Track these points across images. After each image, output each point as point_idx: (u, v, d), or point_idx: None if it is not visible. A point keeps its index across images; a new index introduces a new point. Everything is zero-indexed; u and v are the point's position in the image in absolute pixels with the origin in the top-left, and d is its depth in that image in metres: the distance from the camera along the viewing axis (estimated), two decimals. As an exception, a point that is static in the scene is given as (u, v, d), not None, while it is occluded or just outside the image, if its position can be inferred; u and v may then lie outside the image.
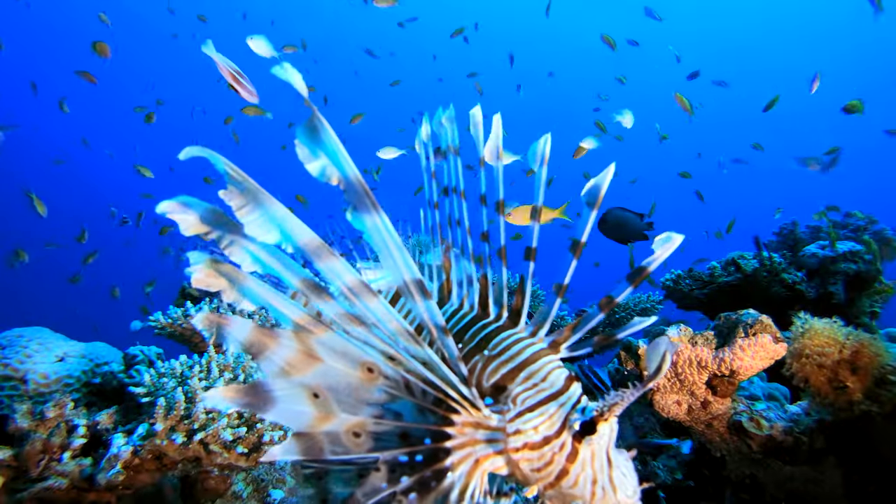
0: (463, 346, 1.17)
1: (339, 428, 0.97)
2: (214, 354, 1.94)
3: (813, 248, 3.94)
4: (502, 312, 1.23)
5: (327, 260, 0.83)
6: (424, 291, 0.91)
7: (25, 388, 1.96)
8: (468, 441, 1.04)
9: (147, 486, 1.76)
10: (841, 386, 1.88)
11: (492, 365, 1.12)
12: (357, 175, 0.80)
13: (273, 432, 1.78)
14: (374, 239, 0.84)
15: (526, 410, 1.06)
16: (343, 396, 0.96)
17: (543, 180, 1.15)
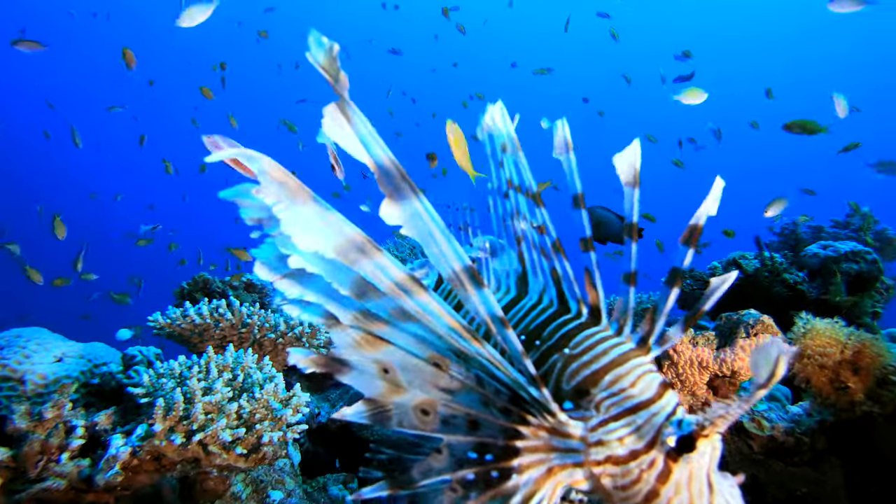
0: (541, 344, 1.08)
1: (409, 402, 0.93)
2: (213, 355, 1.94)
3: (814, 248, 3.93)
4: (581, 308, 1.11)
5: (373, 255, 0.77)
6: (477, 280, 0.83)
7: (24, 389, 1.95)
8: (542, 446, 0.95)
9: (146, 487, 1.75)
10: (842, 386, 1.87)
11: (572, 365, 1.01)
12: (392, 159, 0.73)
13: (273, 433, 1.77)
14: (416, 228, 0.77)
15: (610, 419, 0.94)
16: (412, 377, 0.92)
17: (574, 167, 1.05)
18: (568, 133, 1.07)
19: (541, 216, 1.10)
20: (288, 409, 1.81)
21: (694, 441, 0.87)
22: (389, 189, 0.74)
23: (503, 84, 13.83)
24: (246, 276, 3.89)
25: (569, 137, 1.07)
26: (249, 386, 1.88)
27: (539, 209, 1.10)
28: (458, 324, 0.85)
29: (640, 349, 1.02)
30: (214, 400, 1.74)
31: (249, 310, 2.54)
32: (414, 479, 0.95)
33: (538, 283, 1.18)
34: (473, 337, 0.86)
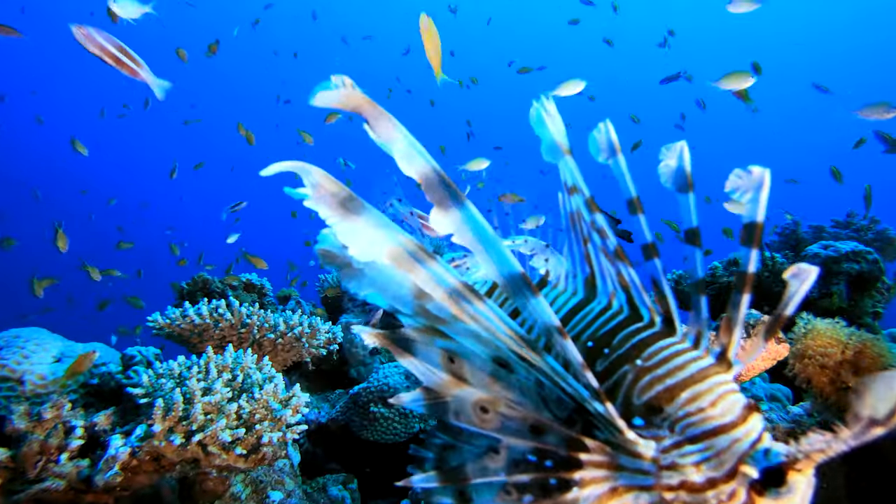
0: (610, 352, 1.00)
1: (469, 397, 0.90)
2: (213, 355, 1.93)
3: (815, 248, 3.93)
4: (654, 317, 1.02)
5: (426, 262, 0.76)
6: (531, 288, 0.79)
7: (22, 389, 1.95)
8: (607, 463, 0.89)
9: (145, 487, 1.75)
10: (844, 387, 1.87)
11: (645, 379, 0.93)
12: (437, 168, 0.72)
13: (272, 434, 1.77)
14: (466, 235, 0.75)
15: (686, 441, 0.85)
16: (475, 373, 0.89)
17: (626, 169, 0.99)
18: (614, 134, 1.00)
19: (598, 220, 1.04)
20: (287, 410, 1.81)
21: (784, 475, 0.78)
22: (436, 198, 0.73)
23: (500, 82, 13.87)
24: (245, 276, 3.89)
25: (615, 139, 1.00)
26: (249, 386, 1.87)
27: (594, 214, 1.04)
28: (516, 334, 0.82)
29: (721, 365, 0.93)
30: (214, 400, 1.73)
31: (249, 310, 2.53)
32: (467, 474, 0.92)
33: (607, 287, 1.10)
34: (532, 348, 0.83)
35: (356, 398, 2.95)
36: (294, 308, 4.07)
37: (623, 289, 1.05)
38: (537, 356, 0.83)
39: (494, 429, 0.91)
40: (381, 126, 0.71)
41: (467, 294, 0.79)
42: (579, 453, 0.88)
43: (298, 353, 2.68)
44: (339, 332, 2.87)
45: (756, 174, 0.87)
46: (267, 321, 2.55)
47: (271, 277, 4.14)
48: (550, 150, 1.04)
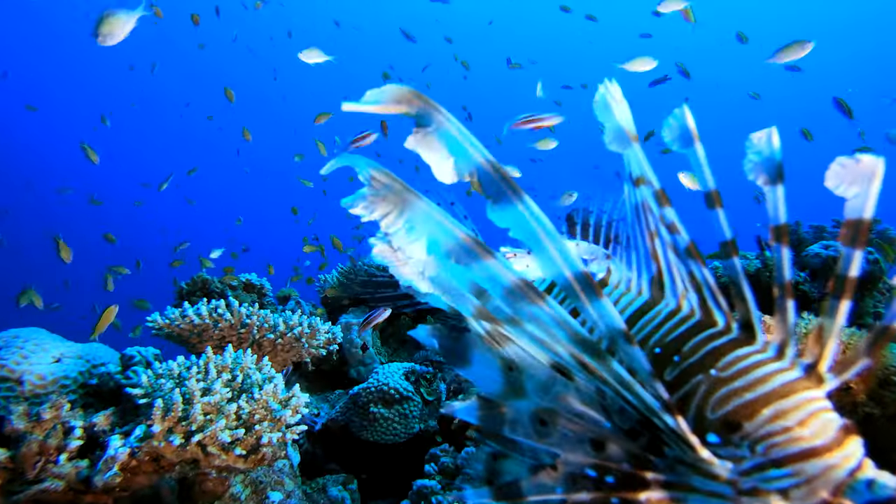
0: (681, 360, 0.91)
1: (527, 408, 0.85)
2: (212, 355, 1.93)
3: (816, 248, 3.92)
4: (730, 322, 0.91)
5: (483, 259, 0.71)
6: (594, 289, 0.73)
7: (22, 390, 1.94)
8: (677, 483, 0.81)
9: (144, 488, 1.75)
10: (844, 388, 1.86)
11: (721, 391, 0.83)
12: (492, 161, 0.68)
13: (272, 434, 1.77)
14: (523, 231, 0.71)
15: (770, 464, 0.76)
16: (534, 382, 0.83)
17: (704, 160, 0.89)
18: (692, 121, 0.90)
19: (669, 214, 0.95)
20: (287, 410, 1.81)
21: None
22: (492, 193, 0.69)
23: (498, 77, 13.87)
24: (244, 276, 3.89)
25: (693, 126, 0.90)
26: (248, 387, 1.87)
27: (664, 208, 0.95)
28: (580, 338, 0.75)
29: (810, 379, 0.82)
30: (213, 401, 1.73)
31: (248, 310, 2.53)
32: (522, 492, 0.87)
33: (676, 287, 1.00)
34: (596, 354, 0.76)
35: (356, 398, 2.95)
36: (294, 308, 4.07)
37: (695, 290, 0.95)
38: (602, 363, 0.76)
39: (553, 443, 0.84)
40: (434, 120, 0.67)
41: (527, 293, 0.73)
42: (646, 471, 0.81)
43: (298, 354, 2.67)
44: (339, 333, 2.87)
45: (866, 164, 0.77)
46: (266, 321, 2.55)
47: (272, 278, 4.14)
48: (616, 138, 0.96)
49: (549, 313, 0.74)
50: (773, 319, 0.86)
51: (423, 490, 2.33)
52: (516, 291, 0.73)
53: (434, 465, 2.46)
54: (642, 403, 0.78)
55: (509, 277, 0.72)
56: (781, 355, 0.85)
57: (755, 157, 0.85)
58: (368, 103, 0.67)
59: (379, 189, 0.68)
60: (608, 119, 0.96)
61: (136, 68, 18.16)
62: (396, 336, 4.13)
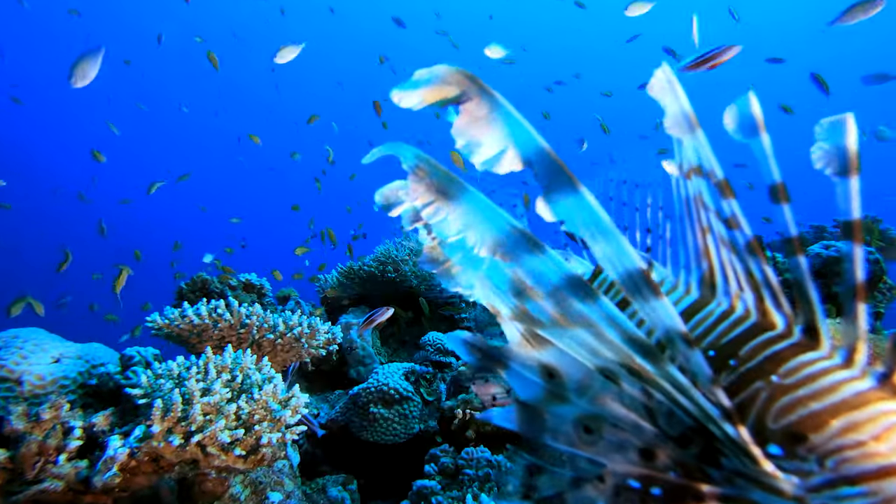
0: (738, 365, 0.85)
1: (570, 414, 0.80)
2: (212, 356, 1.92)
3: (817, 247, 3.92)
4: (792, 325, 0.85)
5: (535, 254, 0.67)
6: (653, 287, 0.69)
7: (21, 390, 1.94)
8: (736, 498, 0.75)
9: (144, 488, 1.74)
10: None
11: (783, 399, 0.77)
12: (547, 147, 0.63)
13: (271, 434, 1.76)
14: (579, 224, 0.66)
15: (842, 481, 0.69)
16: (578, 387, 0.78)
17: (770, 151, 0.83)
18: (758, 109, 0.84)
19: (729, 208, 0.89)
20: (287, 410, 1.80)
21: None
22: (547, 182, 0.64)
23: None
24: (244, 276, 3.88)
25: (759, 115, 0.84)
26: (248, 387, 1.86)
27: (727, 200, 0.88)
28: (636, 337, 0.71)
29: (885, 389, 0.75)
30: (213, 401, 1.73)
31: (248, 310, 2.53)
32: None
33: (729, 286, 0.94)
34: (652, 355, 0.71)
35: (356, 399, 2.94)
36: (293, 308, 4.06)
37: (753, 289, 0.89)
38: (658, 366, 0.72)
39: (599, 451, 0.79)
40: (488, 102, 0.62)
41: (579, 291, 0.68)
42: (700, 484, 0.75)
43: (298, 354, 2.67)
44: (339, 333, 2.86)
45: None
46: (266, 321, 2.54)
47: (272, 279, 4.13)
48: (679, 122, 0.88)
49: (602, 312, 0.69)
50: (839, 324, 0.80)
51: (423, 490, 2.32)
52: (566, 289, 0.68)
53: (434, 466, 2.46)
54: (699, 410, 0.73)
55: (560, 274, 0.68)
56: (850, 363, 0.78)
57: (825, 145, 0.79)
58: (419, 86, 0.62)
59: (423, 178, 0.65)
60: (671, 102, 0.88)
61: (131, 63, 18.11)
62: (396, 336, 4.13)
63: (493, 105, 0.63)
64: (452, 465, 2.43)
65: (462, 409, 2.73)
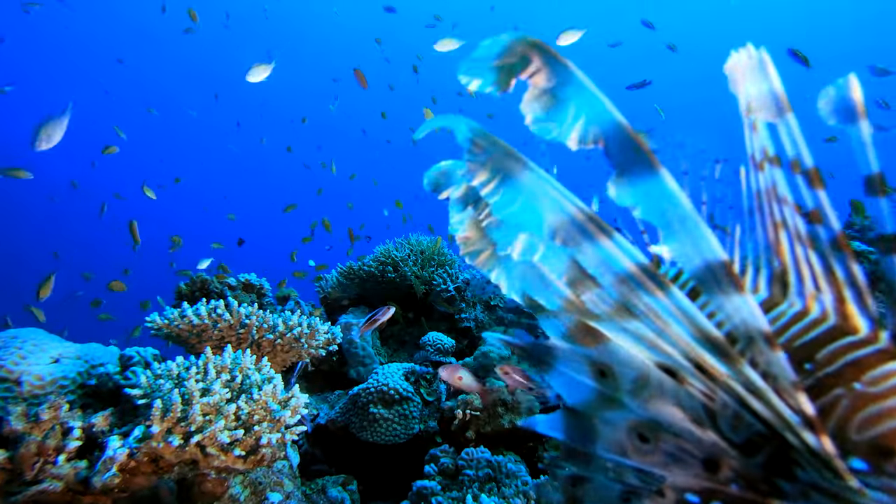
0: (815, 369, 0.78)
1: (624, 420, 0.73)
2: (211, 356, 1.92)
3: None
4: (878, 330, 0.78)
5: (597, 238, 0.61)
6: (735, 280, 0.62)
7: (20, 390, 1.93)
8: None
9: (143, 489, 1.74)
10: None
11: (868, 409, 0.70)
12: (625, 123, 0.57)
13: (271, 435, 1.76)
14: (656, 210, 0.60)
15: None
16: (636, 387, 0.72)
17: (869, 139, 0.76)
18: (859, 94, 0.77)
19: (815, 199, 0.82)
20: (286, 411, 1.80)
21: None
22: (621, 162, 0.58)
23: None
24: (243, 275, 3.88)
25: (860, 100, 0.77)
26: (248, 387, 1.86)
27: (815, 191, 0.81)
28: (710, 334, 0.64)
29: None
30: (212, 401, 1.72)
31: (248, 310, 2.52)
32: None
33: (803, 286, 0.87)
34: (725, 354, 0.65)
35: (356, 399, 2.94)
36: (293, 308, 4.06)
37: (834, 290, 0.81)
38: (733, 366, 0.65)
39: (657, 463, 0.72)
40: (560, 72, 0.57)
41: (647, 281, 0.62)
42: (770, 498, 0.69)
43: (297, 354, 2.67)
44: (339, 333, 2.86)
45: None
46: (266, 322, 2.54)
47: (272, 278, 4.13)
48: (766, 106, 0.82)
49: (672, 305, 0.63)
50: None
51: (423, 491, 2.32)
52: (634, 279, 0.62)
53: (434, 466, 2.46)
54: (776, 416, 0.66)
55: (628, 262, 0.62)
56: None
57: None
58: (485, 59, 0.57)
59: (479, 154, 0.60)
60: (760, 84, 0.82)
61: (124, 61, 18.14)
62: (396, 337, 4.13)
63: (564, 76, 0.57)
64: (452, 466, 2.43)
65: (462, 409, 2.72)
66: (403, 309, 4.16)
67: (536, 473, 2.51)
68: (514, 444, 2.71)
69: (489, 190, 0.61)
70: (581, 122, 0.58)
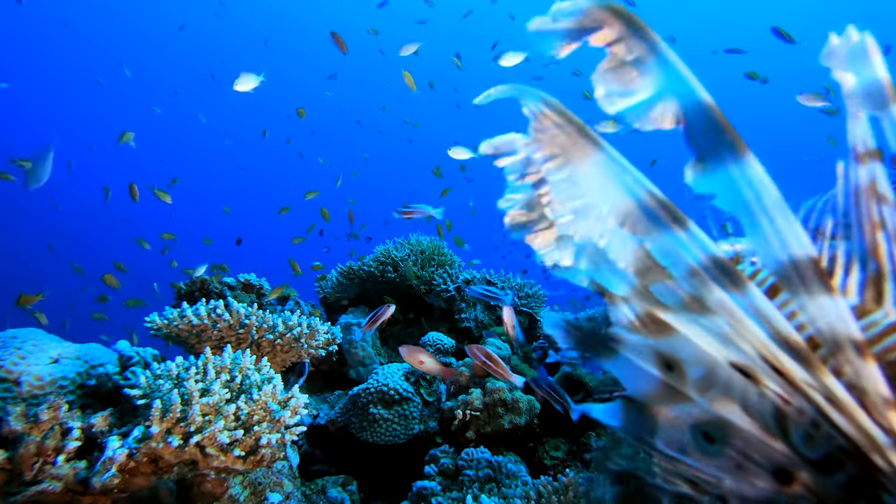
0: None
1: (688, 416, 0.67)
2: (211, 356, 1.92)
3: (815, 248, 3.93)
4: None
5: (672, 227, 0.56)
6: (825, 281, 0.56)
7: (19, 390, 1.93)
8: None
9: (143, 489, 1.74)
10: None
11: None
12: (711, 102, 0.52)
13: (271, 435, 1.76)
14: (738, 199, 0.54)
15: None
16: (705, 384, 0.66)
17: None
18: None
19: None
20: (286, 411, 1.80)
21: None
22: (702, 144, 0.53)
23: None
24: (243, 275, 3.88)
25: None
26: (247, 387, 1.86)
27: None
28: (789, 337, 0.58)
29: None
30: (212, 401, 1.72)
31: (247, 310, 2.52)
32: None
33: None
34: (809, 362, 0.59)
35: (355, 399, 2.94)
36: (293, 308, 4.06)
37: None
38: (815, 374, 0.59)
39: (722, 467, 0.66)
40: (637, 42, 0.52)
41: (724, 276, 0.57)
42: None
43: (297, 354, 2.67)
44: (339, 333, 2.86)
45: None
46: (265, 322, 2.54)
47: (271, 278, 4.13)
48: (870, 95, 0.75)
49: (749, 303, 0.58)
50: None
51: (423, 491, 2.32)
52: (709, 273, 0.57)
53: (434, 467, 2.46)
54: (863, 435, 0.59)
55: (703, 255, 0.57)
56: None
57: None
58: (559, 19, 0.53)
59: (547, 129, 0.55)
60: (863, 70, 0.75)
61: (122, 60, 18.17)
62: (396, 337, 4.13)
63: (648, 48, 0.52)
64: (452, 466, 2.43)
65: (462, 409, 2.72)
66: (403, 309, 4.16)
67: (536, 473, 2.50)
68: (514, 444, 2.71)
69: (553, 166, 0.57)
70: (661, 98, 0.53)
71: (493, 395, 2.70)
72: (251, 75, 4.11)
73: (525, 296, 4.27)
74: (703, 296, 0.59)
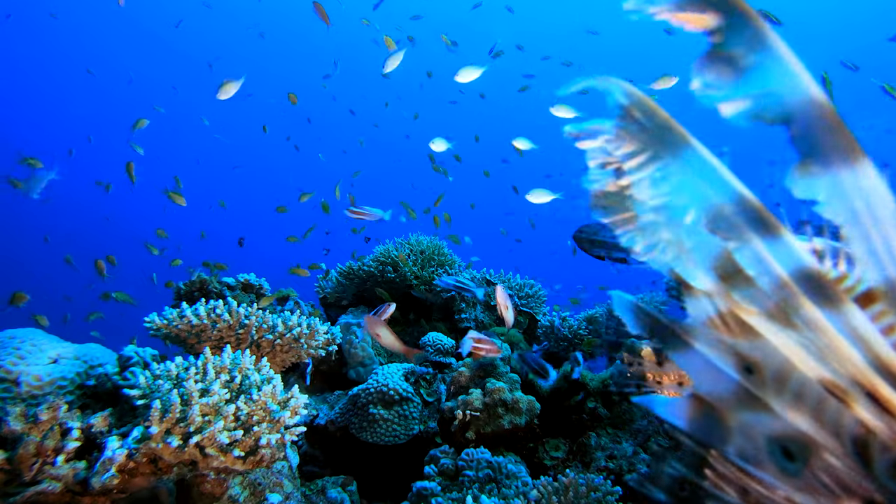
0: None
1: (767, 429, 0.61)
2: (210, 356, 1.92)
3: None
4: None
5: (764, 235, 0.52)
6: None
7: (18, 391, 1.93)
8: None
9: (142, 489, 1.73)
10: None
11: None
12: (824, 100, 0.47)
13: (271, 435, 1.75)
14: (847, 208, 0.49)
15: None
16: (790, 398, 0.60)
17: None
18: None
19: None
20: (286, 411, 1.79)
21: None
22: (809, 145, 0.48)
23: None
24: (243, 275, 3.87)
25: None
26: (247, 387, 1.86)
27: None
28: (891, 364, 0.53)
29: None
30: (212, 402, 1.72)
31: (247, 310, 2.52)
32: None
33: None
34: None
35: (355, 399, 2.93)
36: (292, 308, 4.05)
37: None
38: None
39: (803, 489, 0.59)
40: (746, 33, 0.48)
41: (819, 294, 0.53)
42: None
43: (297, 354, 2.66)
44: (339, 333, 2.86)
45: None
46: (265, 322, 2.54)
47: (270, 278, 4.12)
48: None
49: (846, 325, 0.53)
50: None
51: (423, 492, 2.32)
52: (800, 287, 0.53)
53: (434, 467, 2.45)
54: None
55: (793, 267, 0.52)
56: None
57: None
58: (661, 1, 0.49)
59: (632, 123, 0.53)
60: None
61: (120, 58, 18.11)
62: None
63: (756, 39, 0.48)
64: (452, 467, 2.42)
65: (462, 410, 2.72)
66: (403, 309, 4.16)
67: (537, 474, 2.50)
68: (514, 444, 2.71)
69: (637, 163, 0.54)
70: (767, 94, 0.49)
71: (494, 396, 2.70)
72: (232, 82, 4.11)
73: (525, 296, 4.27)
74: (793, 309, 0.54)
